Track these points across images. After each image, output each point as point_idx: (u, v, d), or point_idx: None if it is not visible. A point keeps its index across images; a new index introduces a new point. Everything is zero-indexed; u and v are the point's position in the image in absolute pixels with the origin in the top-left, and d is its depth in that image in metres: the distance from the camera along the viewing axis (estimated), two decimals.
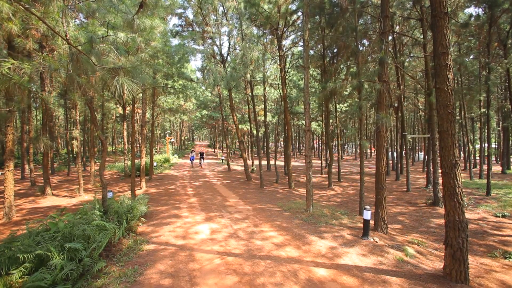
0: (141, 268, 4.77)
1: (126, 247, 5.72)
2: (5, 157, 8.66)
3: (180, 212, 8.65)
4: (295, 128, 45.09)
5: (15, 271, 3.93)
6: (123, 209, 6.48)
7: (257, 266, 4.80)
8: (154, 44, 7.79)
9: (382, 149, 6.71)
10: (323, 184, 16.11)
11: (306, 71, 8.25)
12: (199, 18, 15.32)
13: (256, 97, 23.10)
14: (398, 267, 4.82)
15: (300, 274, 4.52)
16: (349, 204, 11.06)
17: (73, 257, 4.42)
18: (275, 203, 10.08)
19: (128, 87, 2.98)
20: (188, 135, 62.14)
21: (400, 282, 4.26)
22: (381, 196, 6.73)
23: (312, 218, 7.73)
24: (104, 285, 4.22)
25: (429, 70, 10.52)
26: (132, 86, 3.02)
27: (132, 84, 3.04)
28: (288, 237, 6.31)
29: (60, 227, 4.94)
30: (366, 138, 42.79)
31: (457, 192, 4.06)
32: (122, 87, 3.01)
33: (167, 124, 40.26)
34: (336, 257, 5.18)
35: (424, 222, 8.88)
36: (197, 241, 6.08)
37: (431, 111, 10.59)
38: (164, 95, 18.88)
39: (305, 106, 8.08)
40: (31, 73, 4.93)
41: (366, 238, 6.09)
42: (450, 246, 4.19)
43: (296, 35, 17.38)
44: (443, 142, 4.14)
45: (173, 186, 14.24)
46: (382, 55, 6.50)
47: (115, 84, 3.15)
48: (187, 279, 4.42)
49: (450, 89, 4.06)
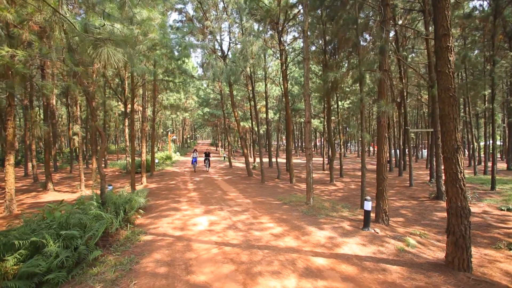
0: (138, 257, 4.72)
1: (124, 237, 5.68)
2: (6, 150, 8.67)
3: (180, 206, 8.60)
4: (297, 126, 44.92)
5: (10, 258, 3.90)
6: (121, 201, 6.45)
7: (255, 256, 4.73)
8: (152, 36, 7.73)
9: (383, 140, 6.60)
10: (325, 180, 15.99)
11: (306, 62, 8.15)
12: (200, 14, 15.26)
13: (258, 93, 23.02)
14: (398, 256, 4.71)
15: (298, 263, 4.44)
16: (351, 198, 10.94)
17: (69, 245, 4.38)
18: (275, 197, 9.99)
19: (114, 59, 2.90)
20: (191, 134, 62.24)
21: (400, 270, 4.16)
22: (382, 187, 6.62)
23: (312, 211, 7.64)
24: (100, 273, 4.17)
25: (432, 63, 10.35)
26: (119, 56, 2.95)
27: (118, 55, 2.96)
28: (287, 228, 6.22)
29: (56, 216, 4.90)
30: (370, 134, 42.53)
31: (459, 178, 3.95)
32: (108, 58, 2.94)
33: (169, 122, 40.33)
34: (335, 247, 5.09)
35: (427, 215, 8.75)
36: (195, 232, 6.03)
37: (434, 104, 10.43)
38: (165, 91, 18.85)
39: (305, 97, 7.98)
40: (25, 60, 4.91)
41: (366, 229, 5.98)
42: (452, 233, 4.08)
43: (297, 31, 17.28)
44: (445, 126, 4.02)
45: (174, 181, 14.22)
46: (382, 44, 6.38)
47: (101, 56, 3.07)
48: (183, 267, 4.36)
49: (452, 72, 3.95)
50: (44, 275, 3.93)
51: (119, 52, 3.00)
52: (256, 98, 18.75)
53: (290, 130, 13.93)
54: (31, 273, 3.87)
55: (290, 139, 14.15)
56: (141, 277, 4.06)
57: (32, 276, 3.90)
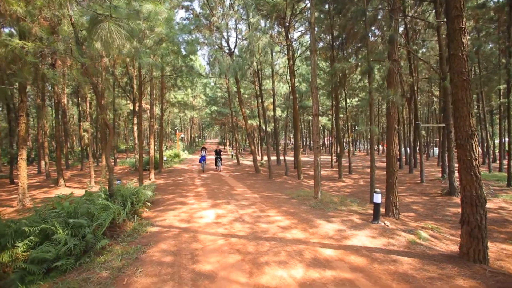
0: (144, 247, 4.73)
1: (131, 228, 5.72)
2: (19, 145, 8.87)
3: (187, 200, 8.61)
4: (304, 124, 44.61)
5: (20, 244, 3.96)
6: (128, 193, 6.49)
7: (261, 246, 4.67)
8: (159, 30, 7.75)
9: (392, 131, 6.43)
10: (333, 176, 15.79)
11: (313, 55, 8.03)
12: (206, 11, 15.28)
13: (265, 91, 22.90)
14: (410, 248, 4.57)
15: (306, 253, 4.36)
16: (360, 194, 10.75)
17: (77, 234, 4.42)
18: (283, 191, 9.90)
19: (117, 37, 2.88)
20: (199, 133, 62.61)
21: (411, 262, 4.02)
22: (392, 180, 6.45)
23: (321, 204, 7.52)
24: (107, 261, 4.19)
25: (443, 55, 10.05)
26: (122, 33, 2.92)
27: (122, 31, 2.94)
28: (295, 221, 6.14)
29: (65, 206, 4.96)
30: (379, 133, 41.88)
31: (474, 165, 3.79)
32: (110, 34, 2.92)
33: (177, 121, 40.64)
34: (344, 239, 4.97)
35: (439, 211, 8.51)
36: (201, 225, 6.01)
37: (445, 97, 10.13)
38: (172, 89, 18.97)
39: (313, 90, 7.86)
40: (35, 52, 4.99)
41: (376, 222, 5.83)
42: (467, 223, 3.92)
43: (304, 26, 17.11)
44: (458, 111, 3.87)
45: (182, 178, 14.29)
46: (391, 33, 6.21)
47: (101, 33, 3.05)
48: (189, 257, 4.34)
49: (465, 55, 3.79)
50: (53, 261, 3.98)
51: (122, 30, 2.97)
52: (263, 95, 18.66)
53: (297, 126, 13.80)
54: (41, 259, 3.92)
55: (298, 136, 14.02)
56: (147, 265, 4.06)
57: (42, 262, 3.96)
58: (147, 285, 3.52)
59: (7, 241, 4.03)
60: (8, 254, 3.88)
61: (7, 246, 3.99)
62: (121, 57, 16.62)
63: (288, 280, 3.55)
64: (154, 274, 3.79)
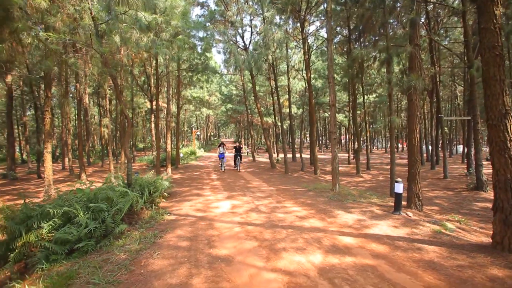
0: (161, 233, 4.77)
1: (148, 216, 5.80)
2: (45, 139, 9.26)
3: (202, 192, 8.66)
4: (320, 122, 43.95)
5: (45, 225, 4.09)
6: (146, 183, 6.60)
7: (278, 234, 4.58)
8: (175, 23, 7.84)
9: (414, 119, 6.14)
10: (351, 172, 15.40)
11: (329, 44, 7.83)
12: (221, 7, 15.35)
13: (281, 88, 22.73)
14: (435, 238, 4.32)
15: (324, 241, 4.22)
16: (379, 189, 10.39)
17: (97, 217, 4.52)
18: (300, 185, 9.74)
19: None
20: (214, 132, 63.25)
21: (438, 250, 3.79)
22: (414, 170, 6.17)
23: (339, 196, 7.32)
24: (125, 245, 4.26)
25: (469, 41, 9.50)
26: None
27: None
28: (312, 211, 5.99)
29: (86, 192, 5.10)
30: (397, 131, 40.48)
31: (508, 146, 3.51)
32: None
33: (193, 119, 41.25)
34: (364, 228, 4.79)
35: (466, 205, 8.05)
36: (217, 214, 6.00)
37: (472, 86, 9.58)
38: (188, 87, 19.21)
39: (330, 80, 7.67)
40: (57, 42, 5.17)
41: (398, 213, 5.59)
42: (501, 210, 3.64)
43: (319, 20, 16.82)
44: (489, 89, 3.60)
45: (198, 173, 14.44)
46: (413, 16, 5.93)
47: None
48: (206, 242, 4.33)
49: (498, 28, 3.52)
50: (75, 243, 4.09)
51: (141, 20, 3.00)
52: (279, 92, 18.50)
53: (314, 120, 13.56)
54: (64, 240, 4.04)
55: (314, 130, 13.78)
56: (164, 249, 4.08)
57: (64, 243, 4.07)
58: (164, 266, 3.53)
59: (33, 222, 4.19)
60: (34, 234, 4.02)
61: (33, 227, 4.14)
62: (139, 56, 17.05)
63: (306, 265, 3.44)
64: (171, 257, 3.80)
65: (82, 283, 3.18)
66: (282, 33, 13.35)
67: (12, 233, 4.30)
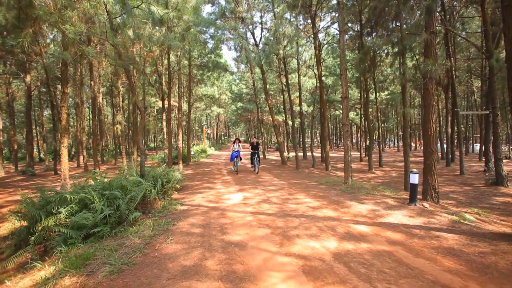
0: (174, 221, 4.82)
1: (161, 206, 5.87)
2: (61, 133, 9.54)
3: (214, 186, 8.70)
4: (331, 121, 43.51)
5: (63, 210, 4.21)
6: (159, 174, 6.69)
7: (291, 222, 4.54)
8: (186, 18, 7.91)
9: (430, 108, 5.97)
10: (363, 169, 15.15)
11: (342, 35, 7.73)
12: (232, 4, 15.42)
13: (291, 85, 22.63)
14: (454, 227, 4.18)
15: (338, 229, 4.16)
16: (392, 184, 10.17)
17: (112, 204, 4.61)
18: (311, 179, 9.65)
19: None
20: (225, 131, 63.58)
21: (458, 238, 3.67)
22: (430, 161, 6.00)
23: (351, 189, 7.20)
24: (139, 231, 4.31)
25: (489, 31, 9.16)
26: None
27: None
28: (325, 202, 5.92)
29: (101, 181, 5.21)
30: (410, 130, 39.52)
31: None
32: None
33: (204, 118, 41.60)
34: (379, 217, 4.69)
35: (485, 200, 7.78)
36: (229, 205, 6.01)
37: (491, 78, 9.25)
38: (199, 85, 19.37)
39: (342, 71, 7.57)
40: (74, 33, 5.30)
41: (413, 204, 5.44)
42: None
43: (329, 16, 16.64)
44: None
45: (209, 169, 14.53)
46: (429, 3, 5.77)
47: None
48: (218, 229, 4.34)
49: None
50: (91, 228, 4.18)
51: None
52: (290, 88, 18.40)
53: (325, 115, 13.42)
54: (81, 225, 4.13)
55: (326, 125, 13.63)
56: (177, 235, 4.12)
57: (81, 228, 4.17)
58: (177, 250, 3.56)
59: (52, 208, 4.31)
60: (53, 219, 4.13)
61: (52, 212, 4.26)
62: (150, 55, 17.34)
63: (321, 250, 3.40)
64: (184, 242, 3.82)
65: (99, 264, 3.25)
66: (293, 28, 13.29)
67: (32, 218, 4.45)
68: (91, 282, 2.84)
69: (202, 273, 2.89)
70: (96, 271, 3.08)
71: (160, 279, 2.81)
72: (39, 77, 20.53)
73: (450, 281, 2.59)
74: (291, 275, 2.80)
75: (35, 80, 20.78)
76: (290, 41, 13.37)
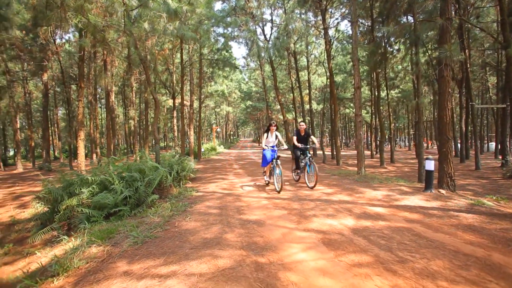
0: (191, 204, 4.93)
1: (177, 192, 5.99)
2: (78, 127, 9.82)
3: (226, 177, 8.80)
4: (340, 120, 43.16)
5: (86, 190, 4.37)
6: (174, 162, 6.82)
7: (306, 205, 4.58)
8: (199, 11, 8.07)
9: (446, 95, 5.90)
10: (374, 165, 15.00)
11: (354, 26, 7.73)
12: (242, 2, 15.57)
13: (301, 82, 22.62)
14: (473, 208, 4.13)
15: (355, 210, 4.18)
16: (405, 177, 10.06)
17: (131, 186, 4.75)
18: (323, 172, 9.61)
19: None
20: (233, 130, 63.86)
21: (477, 217, 3.63)
22: (446, 149, 5.93)
23: (365, 178, 7.17)
24: (158, 212, 4.43)
25: (506, 20, 8.96)
26: None
27: None
28: (339, 189, 5.93)
29: (119, 165, 5.36)
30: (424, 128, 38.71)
31: None
32: None
33: (213, 117, 41.95)
34: (394, 201, 4.68)
35: (503, 191, 7.64)
36: (243, 192, 6.09)
37: (508, 68, 9.05)
38: (209, 83, 19.59)
39: (354, 62, 7.56)
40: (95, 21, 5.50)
41: (429, 191, 5.38)
42: None
43: (339, 12, 16.59)
44: None
45: (220, 163, 14.67)
46: None
47: None
48: (235, 210, 4.42)
49: None
50: (111, 208, 4.32)
51: None
52: (300, 85, 18.41)
53: (336, 111, 13.40)
54: (102, 205, 4.28)
55: (336, 120, 13.61)
56: (195, 215, 4.21)
57: (102, 208, 4.32)
58: (197, 226, 3.65)
59: (75, 188, 4.47)
60: (76, 199, 4.29)
61: (75, 192, 4.42)
62: (161, 53, 17.65)
63: (339, 226, 3.43)
64: (203, 220, 3.91)
65: (122, 237, 3.37)
66: (303, 24, 13.30)
67: (55, 200, 4.62)
68: (116, 250, 2.95)
69: (223, 244, 2.97)
70: (121, 242, 3.20)
71: (183, 249, 2.90)
72: (54, 76, 21.18)
73: (472, 251, 2.59)
74: (311, 246, 2.85)
75: (50, 79, 21.46)
76: (301, 37, 13.38)
